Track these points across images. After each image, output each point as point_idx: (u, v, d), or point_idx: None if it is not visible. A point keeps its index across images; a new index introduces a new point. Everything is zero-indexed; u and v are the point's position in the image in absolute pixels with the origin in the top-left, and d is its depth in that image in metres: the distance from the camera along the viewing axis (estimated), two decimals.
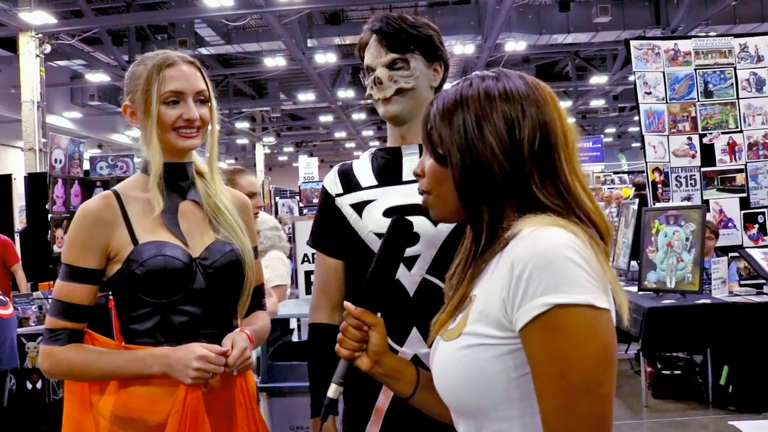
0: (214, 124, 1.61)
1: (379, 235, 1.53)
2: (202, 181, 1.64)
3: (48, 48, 11.48)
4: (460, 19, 13.74)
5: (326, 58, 14.96)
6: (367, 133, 26.14)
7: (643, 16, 13.53)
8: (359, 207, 1.61)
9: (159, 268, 1.47)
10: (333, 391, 1.12)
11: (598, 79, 17.74)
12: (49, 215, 6.13)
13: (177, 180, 1.59)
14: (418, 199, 1.14)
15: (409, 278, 1.52)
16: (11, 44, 12.15)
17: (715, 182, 5.63)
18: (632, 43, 5.76)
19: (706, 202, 5.51)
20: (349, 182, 1.67)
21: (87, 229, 1.50)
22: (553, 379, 0.87)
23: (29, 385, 4.31)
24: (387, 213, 1.56)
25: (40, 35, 11.23)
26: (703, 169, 5.60)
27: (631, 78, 12.55)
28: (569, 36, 14.00)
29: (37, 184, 6.73)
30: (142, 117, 1.55)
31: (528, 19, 13.72)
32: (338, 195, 1.67)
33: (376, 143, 27.64)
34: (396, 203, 1.56)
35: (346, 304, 1.14)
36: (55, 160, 6.06)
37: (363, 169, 1.68)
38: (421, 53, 1.60)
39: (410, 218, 1.21)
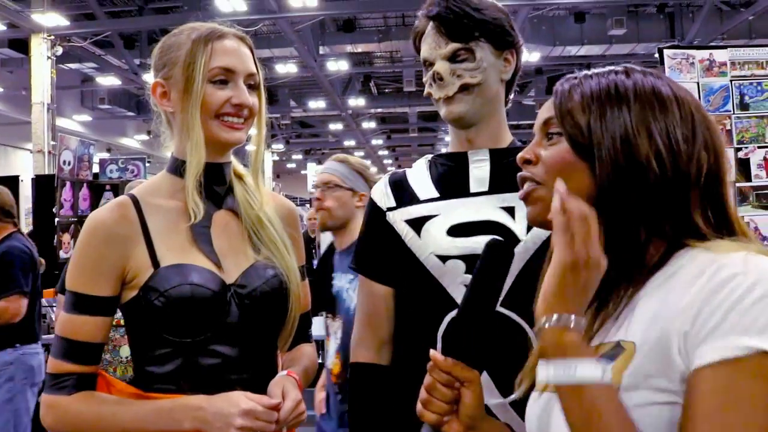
0: (263, 117, 1.31)
1: (442, 258, 1.31)
2: (241, 186, 1.34)
3: (59, 50, 11.48)
4: None
5: (338, 66, 14.90)
6: (377, 142, 26.05)
7: (658, 29, 13.46)
8: (417, 224, 1.36)
9: (184, 300, 1.18)
10: None
11: None
12: (56, 219, 5.97)
13: (212, 184, 1.29)
14: (490, 215, 0.98)
15: None
16: (23, 46, 12.13)
17: (751, 198, 5.43)
18: (666, 52, 5.54)
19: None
20: (404, 194, 1.42)
21: (97, 247, 1.21)
22: None
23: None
24: (452, 231, 1.31)
25: (52, 37, 11.20)
26: (737, 185, 5.40)
27: None
28: (582, 48, 13.90)
29: (44, 186, 6.60)
30: (178, 98, 1.25)
31: (542, 31, 13.65)
32: (390, 209, 1.42)
33: (385, 152, 27.53)
34: (463, 219, 1.31)
35: (433, 353, 0.90)
36: (64, 162, 5.91)
37: (420, 178, 1.43)
38: (489, 41, 1.36)
39: (478, 238, 1.00)
